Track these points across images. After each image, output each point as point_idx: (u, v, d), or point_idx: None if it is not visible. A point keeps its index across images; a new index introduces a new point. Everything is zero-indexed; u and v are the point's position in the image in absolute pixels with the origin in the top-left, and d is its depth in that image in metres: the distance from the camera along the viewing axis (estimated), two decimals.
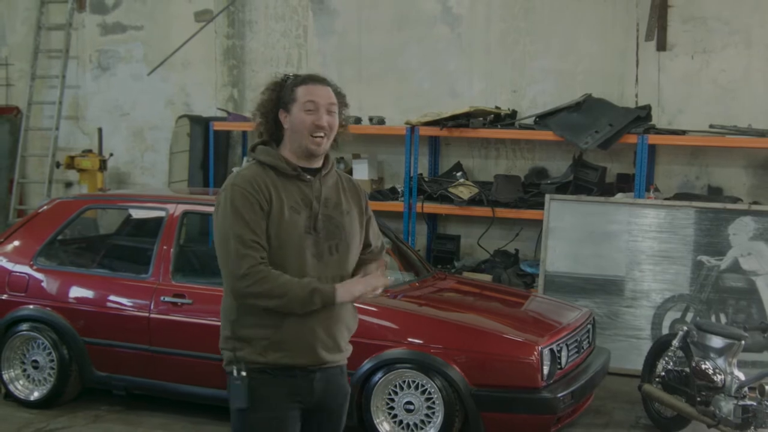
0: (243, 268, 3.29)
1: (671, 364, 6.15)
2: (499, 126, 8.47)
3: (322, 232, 3.46)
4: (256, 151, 3.53)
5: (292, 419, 3.49)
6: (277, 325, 3.39)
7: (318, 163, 3.52)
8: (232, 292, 3.39)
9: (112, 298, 6.39)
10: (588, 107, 8.18)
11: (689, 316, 7.45)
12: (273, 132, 3.52)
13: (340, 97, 3.58)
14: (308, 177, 3.47)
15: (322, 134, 3.43)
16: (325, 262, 3.45)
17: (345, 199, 3.57)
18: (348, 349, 3.62)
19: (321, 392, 3.51)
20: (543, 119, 8.30)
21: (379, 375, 5.69)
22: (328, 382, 3.53)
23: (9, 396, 6.61)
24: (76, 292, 6.52)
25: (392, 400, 5.71)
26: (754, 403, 5.52)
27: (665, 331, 7.36)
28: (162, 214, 6.51)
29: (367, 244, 3.66)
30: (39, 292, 6.58)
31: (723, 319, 7.41)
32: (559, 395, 5.54)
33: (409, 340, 5.71)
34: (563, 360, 5.76)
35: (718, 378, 5.72)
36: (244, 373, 3.40)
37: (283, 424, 3.46)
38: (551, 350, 5.63)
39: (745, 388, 5.66)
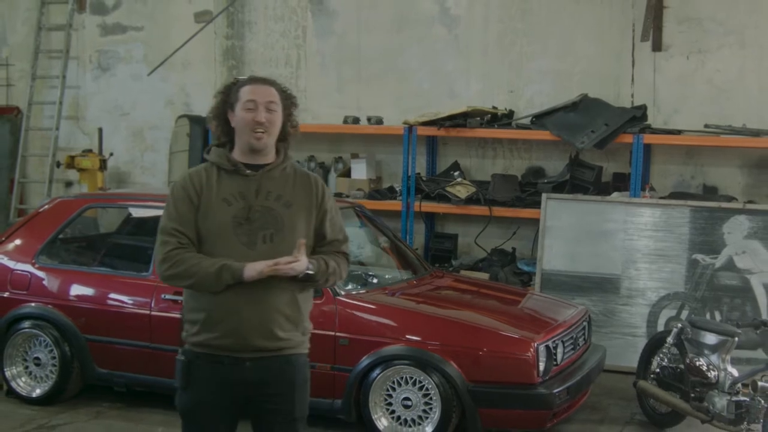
0: (161, 253, 3.67)
1: (666, 360, 6.23)
2: (496, 126, 8.55)
3: (257, 222, 3.68)
4: (209, 152, 3.83)
5: (224, 407, 3.71)
6: (209, 308, 3.66)
7: (266, 160, 3.76)
8: (159, 277, 3.75)
9: (113, 295, 6.47)
10: (584, 107, 8.26)
11: (684, 314, 7.51)
12: (228, 133, 3.79)
13: (288, 97, 3.83)
14: (248, 171, 3.72)
15: (262, 130, 3.68)
16: (258, 250, 3.65)
17: (291, 193, 3.76)
18: (292, 339, 3.74)
19: (257, 381, 3.68)
20: (540, 119, 8.37)
21: (377, 371, 5.76)
22: (265, 371, 3.69)
23: (11, 393, 6.67)
24: (77, 289, 6.60)
25: (390, 396, 5.78)
26: (747, 399, 5.60)
27: (660, 328, 7.43)
28: (161, 212, 6.55)
29: (321, 237, 3.83)
30: (41, 290, 6.65)
31: (717, 316, 7.48)
32: (555, 391, 5.61)
33: (407, 336, 5.79)
34: (559, 356, 5.84)
35: (712, 374, 5.80)
36: (182, 357, 3.74)
37: (212, 408, 3.71)
38: (547, 347, 5.70)
39: (739, 384, 5.74)
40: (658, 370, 6.25)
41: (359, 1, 9.49)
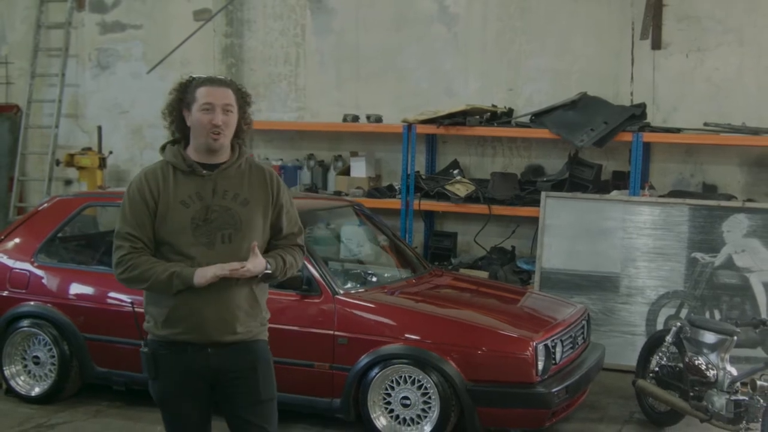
0: (116, 258, 3.74)
1: (665, 359, 6.22)
2: (495, 124, 8.54)
3: (215, 222, 3.74)
4: (164, 151, 3.86)
5: (194, 390, 3.82)
6: (170, 305, 3.74)
7: (221, 158, 3.82)
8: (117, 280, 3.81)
9: (111, 294, 6.46)
10: (583, 105, 8.25)
11: (684, 313, 7.51)
12: (182, 129, 3.84)
13: (243, 96, 3.88)
14: (204, 172, 3.77)
15: (218, 132, 3.72)
16: (217, 250, 3.72)
17: (247, 190, 3.83)
18: (250, 330, 3.85)
19: (219, 367, 3.79)
20: (539, 117, 8.37)
21: (375, 370, 5.76)
22: (227, 358, 3.79)
23: (10, 392, 6.67)
24: (76, 288, 6.60)
25: (389, 395, 5.78)
26: (746, 398, 5.60)
27: (660, 327, 7.43)
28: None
29: (278, 230, 3.92)
30: (40, 289, 6.65)
31: (717, 315, 7.48)
32: (554, 390, 5.61)
33: (406, 336, 5.78)
34: (558, 355, 5.84)
35: (711, 373, 5.80)
36: (146, 349, 3.83)
37: (183, 394, 3.82)
38: (546, 346, 5.70)
39: (738, 383, 5.73)
40: (657, 368, 6.25)
41: None
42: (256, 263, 3.71)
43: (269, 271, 3.75)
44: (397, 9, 9.34)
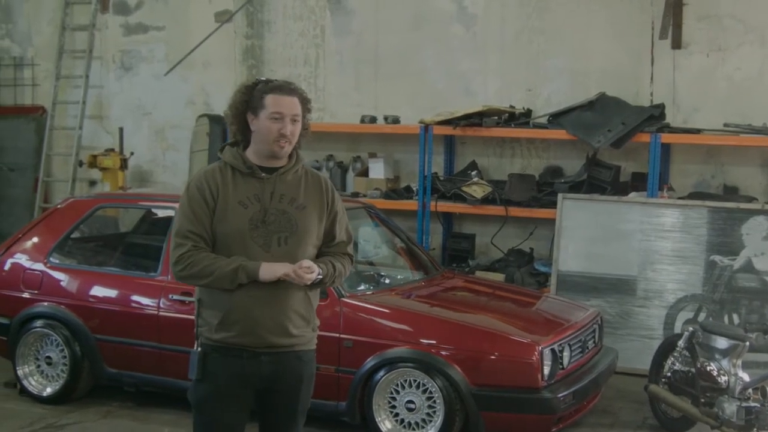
0: (175, 256, 3.75)
1: (677, 364, 6.12)
2: (513, 125, 8.47)
3: (272, 225, 3.78)
4: (224, 152, 3.91)
5: (238, 398, 3.83)
6: (226, 308, 3.75)
7: (279, 162, 3.86)
8: (175, 277, 3.86)
9: (122, 295, 6.50)
10: (601, 106, 8.16)
11: (702, 316, 7.40)
12: (244, 132, 3.84)
13: (306, 103, 3.89)
14: (263, 175, 3.81)
15: (285, 141, 3.77)
16: (273, 252, 3.76)
17: (304, 195, 3.87)
18: (304, 335, 3.89)
19: (270, 375, 3.81)
20: (556, 118, 8.29)
21: (381, 373, 5.74)
22: (278, 366, 3.82)
23: (24, 392, 6.74)
24: (87, 289, 6.63)
25: (394, 398, 5.76)
26: (758, 405, 5.50)
27: (677, 331, 7.31)
28: (172, 213, 6.58)
29: (331, 237, 3.96)
30: (52, 290, 6.70)
31: (736, 319, 7.36)
32: (560, 395, 5.55)
33: (411, 339, 5.75)
34: (565, 360, 5.77)
35: (722, 379, 5.70)
36: (199, 349, 3.82)
37: (226, 399, 3.82)
38: (552, 350, 5.64)
39: (749, 390, 5.62)
40: (669, 374, 6.16)
41: (377, 0, 9.45)
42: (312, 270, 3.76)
43: (320, 276, 3.78)
44: (416, 9, 9.30)
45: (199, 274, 3.71)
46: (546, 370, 5.55)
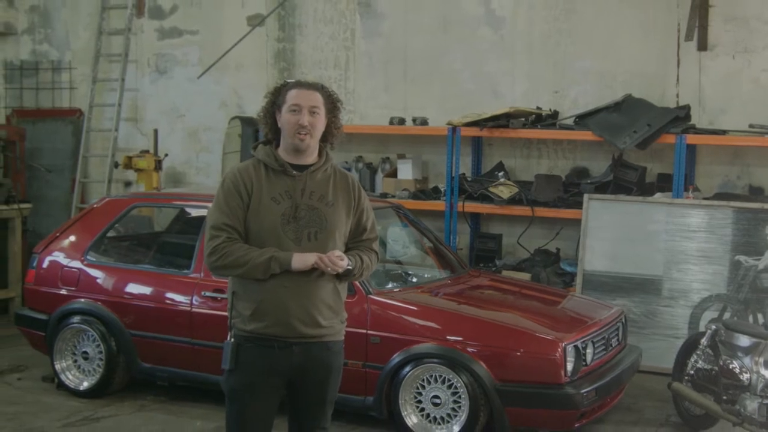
0: (210, 247, 3.92)
1: (700, 362, 6.19)
2: (539, 126, 8.56)
3: (303, 220, 3.96)
4: (257, 150, 4.11)
5: (270, 387, 3.97)
6: (259, 299, 3.92)
7: (309, 160, 4.05)
8: (207, 268, 4.03)
9: (156, 292, 6.70)
10: (627, 107, 8.22)
11: (726, 316, 7.45)
12: (275, 131, 4.04)
13: (333, 101, 4.07)
14: (294, 172, 4.00)
15: (305, 132, 3.94)
16: (304, 247, 3.93)
17: (332, 193, 4.05)
18: (333, 326, 4.07)
19: (301, 364, 3.98)
20: (582, 119, 8.36)
21: (407, 369, 5.87)
22: (308, 356, 3.99)
23: (61, 386, 6.95)
24: (123, 286, 6.84)
25: (420, 394, 5.89)
26: None
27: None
28: (204, 212, 6.75)
29: (358, 234, 4.15)
30: (89, 286, 6.91)
31: (761, 318, 7.40)
32: (583, 391, 5.65)
33: (437, 335, 5.88)
34: (588, 357, 5.86)
35: (745, 377, 5.76)
36: (232, 339, 3.98)
37: (258, 389, 3.95)
38: (576, 347, 5.74)
39: None
40: (692, 371, 6.22)
41: (406, 2, 9.58)
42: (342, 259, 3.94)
43: (350, 267, 3.95)
44: (444, 12, 9.41)
45: (233, 264, 3.86)
46: (569, 367, 5.66)
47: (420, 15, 9.53)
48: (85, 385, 6.86)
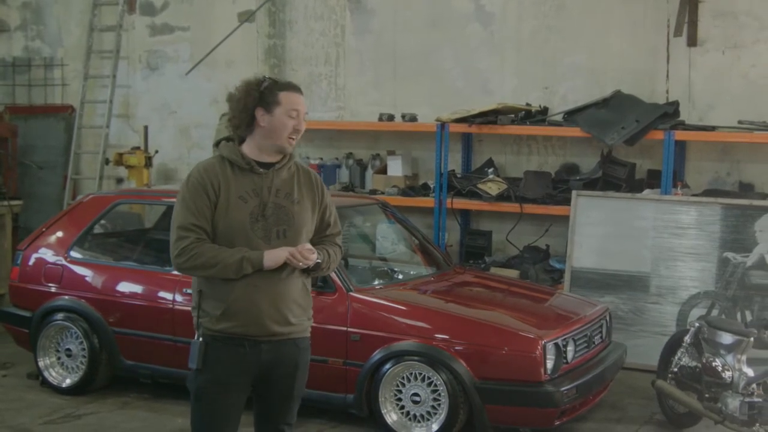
0: (179, 248, 3.85)
1: (684, 360, 6.16)
2: (528, 123, 8.52)
3: (271, 218, 3.93)
4: (220, 147, 4.03)
5: (238, 385, 3.98)
6: (227, 299, 3.88)
7: (274, 158, 4.00)
8: (174, 267, 3.95)
9: (138, 289, 6.68)
10: (616, 103, 8.18)
11: (715, 313, 7.41)
12: (248, 124, 3.93)
13: None
14: (261, 170, 3.95)
15: (296, 137, 3.96)
16: (273, 245, 3.89)
17: (298, 190, 4.03)
18: (302, 323, 4.06)
19: (269, 362, 3.96)
20: (571, 116, 8.31)
21: (387, 366, 5.84)
22: (277, 353, 3.97)
23: (45, 383, 6.93)
24: (105, 283, 6.81)
25: (400, 391, 5.86)
26: (761, 400, 5.54)
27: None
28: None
29: (322, 229, 4.14)
30: (72, 283, 6.89)
31: (749, 316, 7.36)
32: (563, 389, 5.61)
33: (417, 333, 5.85)
34: (569, 355, 5.83)
35: (727, 374, 5.74)
36: (200, 339, 3.93)
37: (225, 388, 3.95)
38: (556, 345, 5.70)
39: (753, 385, 5.66)
40: (676, 369, 6.19)
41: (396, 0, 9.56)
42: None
43: (319, 261, 3.93)
44: (434, 8, 9.38)
45: (203, 265, 3.82)
46: (549, 364, 5.62)
47: (410, 11, 9.50)
48: (68, 382, 6.84)
